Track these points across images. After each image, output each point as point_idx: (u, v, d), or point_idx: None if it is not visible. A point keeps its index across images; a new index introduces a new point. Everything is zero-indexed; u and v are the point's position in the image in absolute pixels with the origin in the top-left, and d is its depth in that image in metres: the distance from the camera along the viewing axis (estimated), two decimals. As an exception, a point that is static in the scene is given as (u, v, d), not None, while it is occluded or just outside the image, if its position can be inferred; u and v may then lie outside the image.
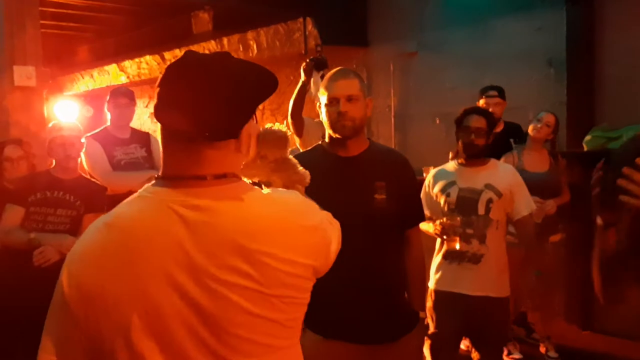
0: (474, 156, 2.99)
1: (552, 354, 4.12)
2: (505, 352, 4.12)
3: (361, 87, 2.22)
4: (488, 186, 2.92)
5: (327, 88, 2.21)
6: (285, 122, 4.12)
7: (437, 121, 5.58)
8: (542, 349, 4.20)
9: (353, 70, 2.36)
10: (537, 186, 3.88)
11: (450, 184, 3.00)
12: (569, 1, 4.56)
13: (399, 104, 5.93)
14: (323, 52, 3.96)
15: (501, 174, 3.02)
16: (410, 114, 5.88)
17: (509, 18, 5.02)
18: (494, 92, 4.25)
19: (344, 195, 2.12)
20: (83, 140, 3.48)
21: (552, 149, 4.13)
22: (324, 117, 2.23)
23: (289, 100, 4.09)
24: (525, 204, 3.00)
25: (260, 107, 4.99)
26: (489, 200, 2.90)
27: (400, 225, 2.28)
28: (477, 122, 2.97)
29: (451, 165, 3.11)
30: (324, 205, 2.17)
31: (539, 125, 4.02)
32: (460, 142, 3.04)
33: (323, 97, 2.22)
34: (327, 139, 2.30)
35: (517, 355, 4.11)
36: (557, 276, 4.29)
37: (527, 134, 4.12)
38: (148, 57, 7.99)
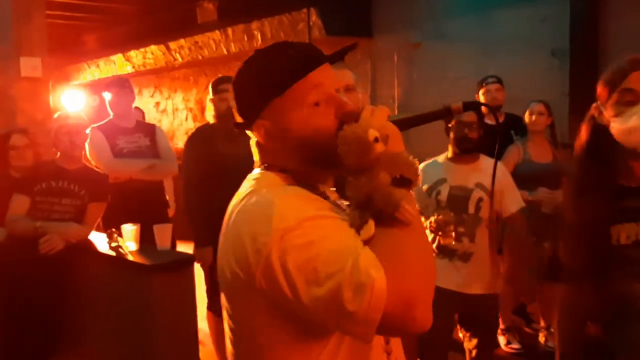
0: (468, 150, 2.97)
1: (552, 343, 4.15)
2: (505, 342, 4.16)
3: (355, 79, 2.24)
4: (479, 185, 2.93)
5: None
6: None
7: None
8: (542, 339, 4.23)
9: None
10: (544, 177, 3.91)
11: (441, 181, 2.99)
12: (573, -9, 4.56)
13: (403, 94, 5.95)
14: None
15: (491, 172, 3.01)
16: (414, 105, 5.89)
17: (513, 8, 5.01)
18: (494, 79, 4.27)
19: None
20: (88, 131, 3.54)
21: (552, 139, 4.13)
22: None
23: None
24: (515, 201, 3.02)
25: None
26: (480, 199, 2.91)
27: None
28: (468, 116, 2.95)
29: (441, 159, 3.10)
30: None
31: (533, 118, 4.05)
32: (452, 137, 3.03)
33: None
34: None
35: (516, 345, 4.14)
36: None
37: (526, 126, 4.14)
38: (153, 47, 8.01)
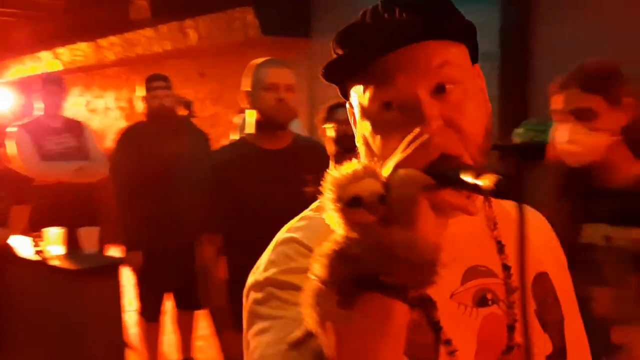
0: (350, 149, 2.99)
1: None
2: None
3: (295, 79, 2.23)
4: None
5: (263, 74, 2.17)
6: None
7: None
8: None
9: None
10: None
11: None
12: (503, -4, 4.69)
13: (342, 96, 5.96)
14: None
15: None
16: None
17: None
18: None
19: (274, 189, 2.12)
20: (13, 129, 3.43)
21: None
22: (257, 103, 2.19)
23: (230, 89, 4.05)
24: None
25: (200, 96, 4.92)
26: None
27: None
28: (344, 113, 3.02)
29: None
30: (253, 201, 2.16)
31: None
32: (332, 138, 3.05)
33: (259, 83, 2.18)
34: (252, 130, 2.25)
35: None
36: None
37: None
38: (83, 44, 7.80)
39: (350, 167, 0.60)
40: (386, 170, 0.61)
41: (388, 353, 0.59)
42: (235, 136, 3.41)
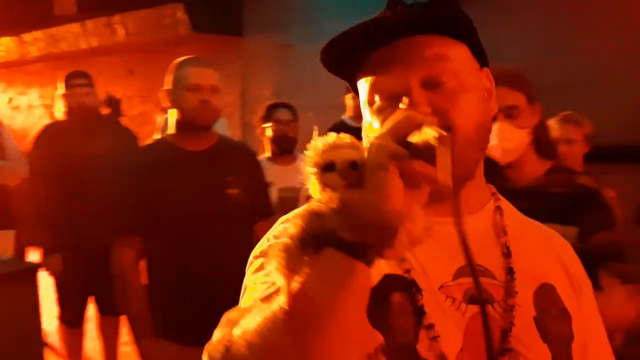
0: (288, 150, 2.99)
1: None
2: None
3: (219, 80, 2.20)
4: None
5: (186, 74, 2.12)
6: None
7: (312, 114, 5.63)
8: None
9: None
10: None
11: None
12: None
13: (275, 95, 5.93)
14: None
15: None
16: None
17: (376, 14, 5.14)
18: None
19: (195, 191, 2.07)
20: None
21: None
22: (178, 103, 2.13)
23: (159, 87, 3.94)
24: None
25: (129, 93, 4.74)
26: (308, 197, 2.92)
27: (251, 220, 2.25)
28: (285, 115, 3.02)
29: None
30: (172, 203, 2.10)
31: None
32: (270, 138, 3.02)
33: (180, 82, 2.12)
34: (173, 130, 2.19)
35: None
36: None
37: None
38: (5, 39, 7.52)
39: (332, 137, 0.65)
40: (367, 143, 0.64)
41: (347, 311, 0.60)
42: (158, 136, 3.32)
